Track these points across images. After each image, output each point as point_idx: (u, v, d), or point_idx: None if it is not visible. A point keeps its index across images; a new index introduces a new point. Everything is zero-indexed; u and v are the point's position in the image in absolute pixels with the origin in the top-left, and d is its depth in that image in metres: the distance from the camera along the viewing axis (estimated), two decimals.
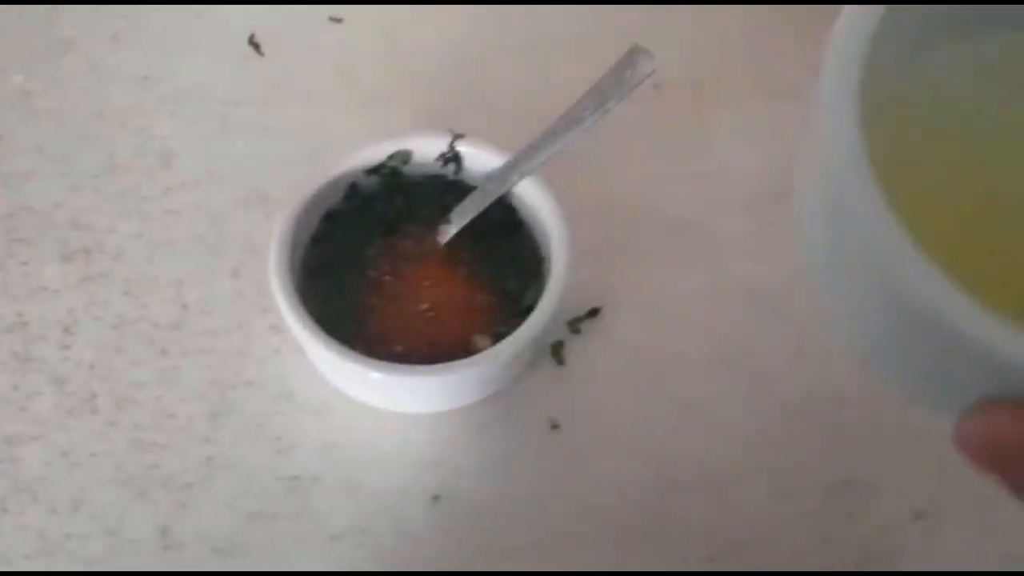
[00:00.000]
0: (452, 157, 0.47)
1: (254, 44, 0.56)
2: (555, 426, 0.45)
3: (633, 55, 0.44)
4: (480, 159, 0.47)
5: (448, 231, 0.46)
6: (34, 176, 0.51)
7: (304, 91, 0.55)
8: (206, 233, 0.50)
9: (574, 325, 0.48)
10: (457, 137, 0.46)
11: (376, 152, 0.46)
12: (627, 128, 0.52)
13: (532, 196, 0.45)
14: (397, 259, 0.46)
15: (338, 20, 0.57)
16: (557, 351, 0.47)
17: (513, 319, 0.43)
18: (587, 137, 0.47)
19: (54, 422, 0.44)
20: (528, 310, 0.43)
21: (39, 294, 0.47)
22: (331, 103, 0.54)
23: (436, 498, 0.44)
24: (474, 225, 0.46)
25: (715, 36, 0.57)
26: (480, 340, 0.44)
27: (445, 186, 0.48)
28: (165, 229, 0.50)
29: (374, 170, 0.47)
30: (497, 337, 0.43)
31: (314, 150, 0.52)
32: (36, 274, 0.48)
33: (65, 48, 0.55)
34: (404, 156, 0.47)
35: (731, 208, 0.51)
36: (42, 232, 0.49)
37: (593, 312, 0.48)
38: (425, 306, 0.44)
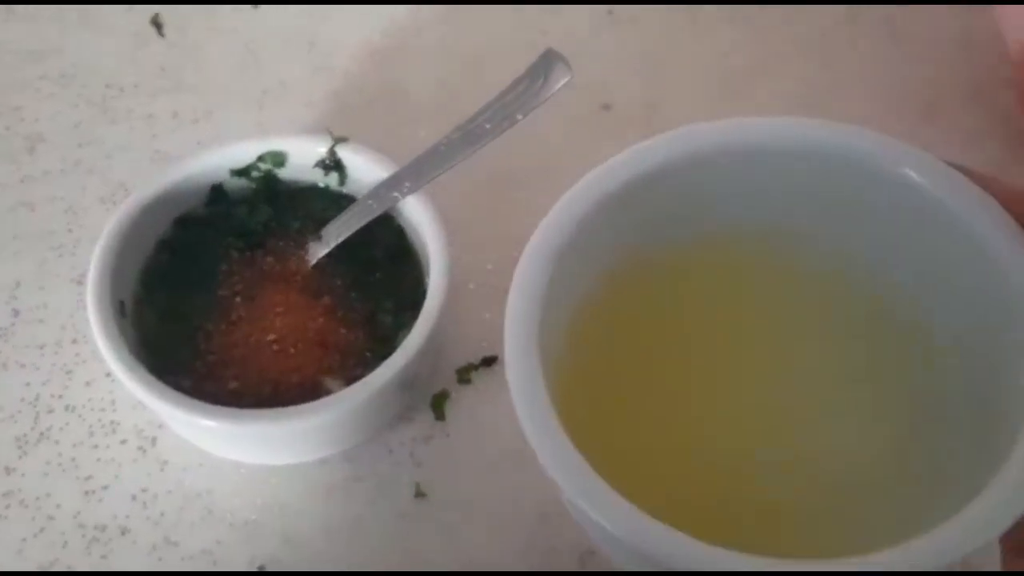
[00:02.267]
0: (333, 164, 0.40)
1: (156, 24, 0.50)
2: (420, 494, 0.38)
3: (546, 61, 0.37)
4: (368, 170, 0.40)
5: (318, 250, 0.39)
6: None
7: (200, 80, 0.48)
8: (57, 231, 0.43)
9: (464, 374, 0.40)
10: (339, 141, 0.40)
11: (245, 150, 0.40)
12: (566, 148, 0.45)
13: (418, 216, 0.38)
14: (253, 278, 0.39)
15: (255, 3, 0.51)
16: (439, 403, 0.40)
17: (377, 362, 0.36)
18: (513, 155, 0.40)
19: None
20: None
21: None
22: (227, 95, 0.48)
23: (261, 569, 0.36)
24: (354, 247, 0.39)
25: (670, 54, 0.49)
26: (331, 383, 0.36)
27: (327, 198, 0.41)
28: (14, 222, 0.44)
29: (243, 171, 0.40)
30: (353, 382, 0.36)
31: (199, 144, 0.46)
32: None
33: None
34: (278, 158, 0.40)
35: None
36: None
37: (488, 361, 0.41)
38: (272, 337, 0.37)
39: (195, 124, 0.47)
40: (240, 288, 0.39)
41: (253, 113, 0.47)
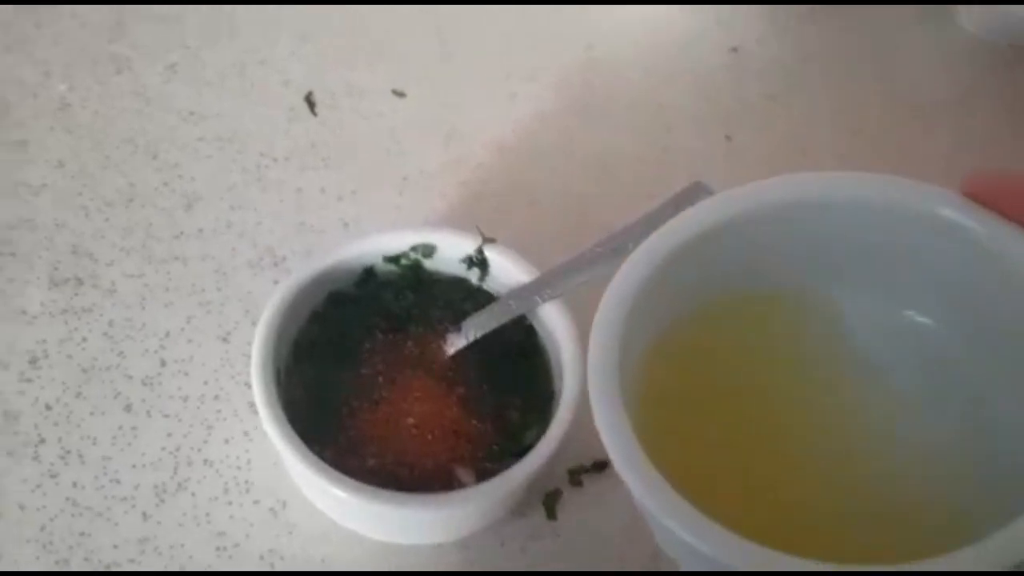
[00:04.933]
0: (478, 262, 0.43)
1: (310, 102, 0.53)
2: None
3: (694, 192, 0.40)
4: (508, 269, 0.42)
5: (457, 342, 0.42)
6: (47, 191, 0.48)
7: (346, 159, 0.51)
8: (207, 288, 0.46)
9: (575, 476, 0.42)
10: (487, 241, 0.42)
11: (400, 240, 0.43)
12: None
13: (554, 322, 0.41)
14: (394, 360, 0.41)
15: (401, 95, 0.54)
16: (550, 502, 0.42)
17: (507, 458, 0.38)
18: None
19: None
20: (526, 450, 0.38)
21: (15, 317, 0.44)
22: (371, 177, 0.51)
23: None
24: (486, 341, 0.41)
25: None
26: (463, 473, 0.39)
27: (465, 291, 0.44)
28: (167, 275, 0.46)
29: (394, 258, 0.43)
30: (482, 474, 0.38)
31: (343, 221, 0.49)
32: (18, 294, 0.45)
33: (119, 67, 0.53)
34: (428, 249, 0.43)
35: None
36: (37, 251, 0.46)
37: (600, 465, 0.43)
38: (411, 421, 0.40)
39: (340, 201, 0.50)
40: (382, 368, 0.41)
41: (393, 197, 0.50)
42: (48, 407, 0.42)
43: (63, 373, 0.43)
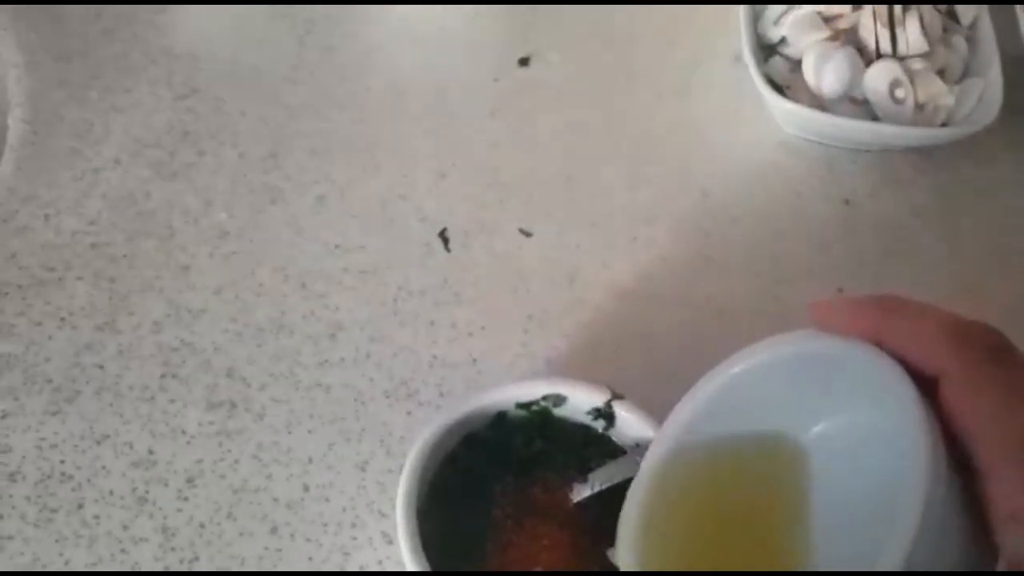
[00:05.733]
0: (606, 415, 0.45)
1: (444, 239, 0.57)
2: None
3: None
4: (633, 422, 0.45)
5: (583, 491, 0.44)
6: (205, 315, 0.52)
7: (477, 296, 0.55)
8: (347, 416, 0.50)
9: None
10: (616, 397, 0.45)
11: (532, 389, 0.46)
12: None
13: None
14: (524, 503, 0.44)
15: (528, 234, 0.58)
16: None
17: None
18: None
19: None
20: None
21: (175, 436, 0.48)
22: (499, 314, 0.54)
23: None
24: (612, 492, 0.44)
25: None
26: None
27: (589, 438, 0.46)
28: (311, 402, 0.50)
29: (526, 405, 0.46)
30: None
31: (471, 357, 0.52)
32: (179, 414, 0.49)
33: (272, 197, 0.58)
34: (558, 399, 0.46)
35: None
36: (196, 374, 0.50)
37: None
38: (539, 568, 0.42)
39: (469, 337, 0.53)
40: (511, 511, 0.44)
41: (519, 335, 0.54)
42: (202, 526, 0.46)
43: (216, 493, 0.47)
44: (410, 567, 0.40)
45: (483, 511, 0.44)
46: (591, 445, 0.46)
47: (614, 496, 0.44)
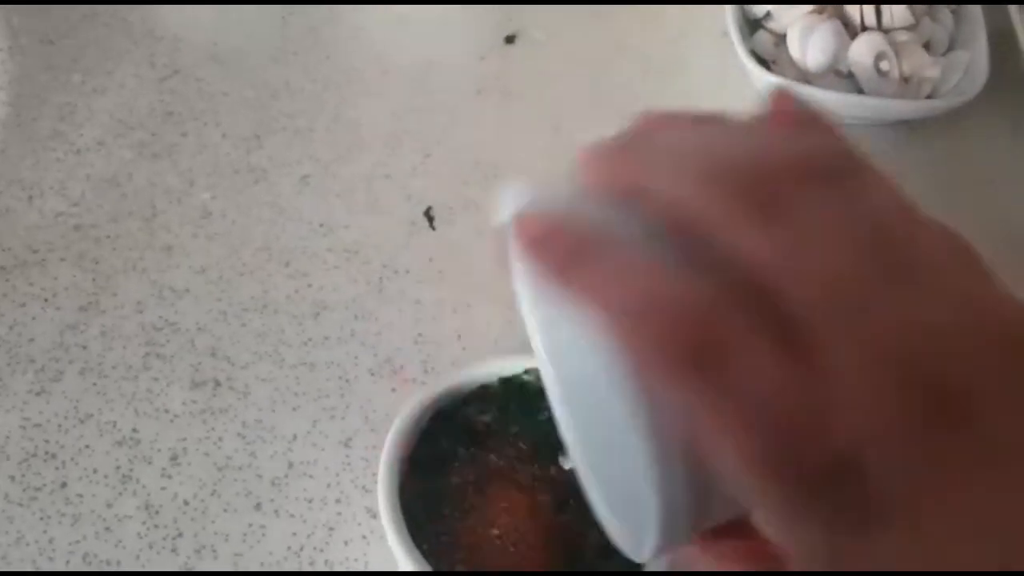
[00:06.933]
0: None
1: (429, 217, 0.57)
2: None
3: None
4: None
5: (567, 462, 0.44)
6: (189, 295, 0.52)
7: (460, 273, 0.55)
8: (331, 394, 0.50)
9: None
10: None
11: (516, 364, 0.46)
12: None
13: None
14: (483, 471, 0.44)
15: None
16: None
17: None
18: None
19: (133, 552, 0.44)
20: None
21: (159, 415, 0.48)
22: (484, 292, 0.54)
23: None
24: None
25: None
26: None
27: None
28: (295, 380, 0.50)
29: (508, 380, 0.46)
30: None
31: (456, 333, 0.52)
32: (163, 393, 0.49)
33: (256, 177, 0.58)
34: (539, 373, 0.46)
35: None
36: (180, 353, 0.50)
37: None
38: (496, 532, 0.42)
39: (454, 314, 0.53)
40: (472, 479, 0.44)
41: (504, 312, 0.53)
42: (186, 503, 0.46)
43: (200, 471, 0.47)
44: (392, 543, 0.40)
45: (445, 479, 0.44)
46: None
47: None
